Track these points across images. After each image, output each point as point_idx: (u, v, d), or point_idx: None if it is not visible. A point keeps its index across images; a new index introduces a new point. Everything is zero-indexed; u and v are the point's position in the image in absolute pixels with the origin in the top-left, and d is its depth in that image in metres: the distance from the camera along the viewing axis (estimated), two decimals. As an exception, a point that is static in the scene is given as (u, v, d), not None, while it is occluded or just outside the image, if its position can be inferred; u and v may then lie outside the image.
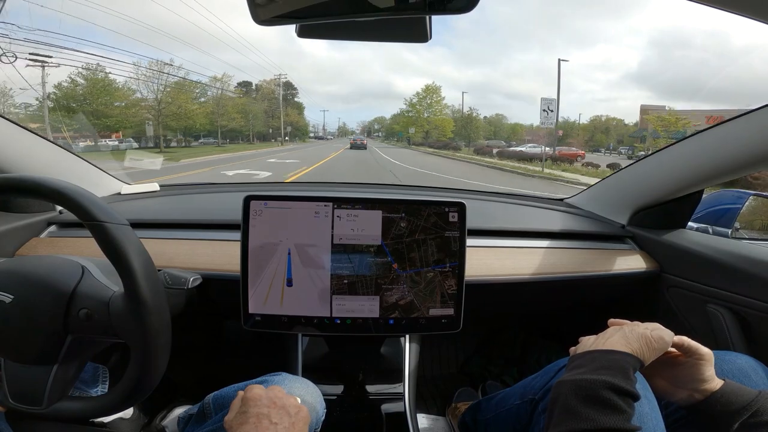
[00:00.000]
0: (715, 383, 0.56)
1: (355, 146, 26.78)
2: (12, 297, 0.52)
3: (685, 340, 0.58)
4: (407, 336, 0.87)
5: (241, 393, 0.56)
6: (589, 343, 0.58)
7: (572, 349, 0.61)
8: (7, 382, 0.55)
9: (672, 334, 0.58)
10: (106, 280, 0.59)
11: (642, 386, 0.54)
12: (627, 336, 0.56)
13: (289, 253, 0.76)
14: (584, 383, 0.49)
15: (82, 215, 0.52)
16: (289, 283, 0.76)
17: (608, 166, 14.81)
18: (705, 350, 0.57)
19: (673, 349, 0.58)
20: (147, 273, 0.53)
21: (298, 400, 0.56)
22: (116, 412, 0.57)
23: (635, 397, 0.49)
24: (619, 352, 0.53)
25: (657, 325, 0.58)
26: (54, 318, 0.53)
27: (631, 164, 1.10)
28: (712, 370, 0.57)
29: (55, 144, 0.99)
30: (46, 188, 0.53)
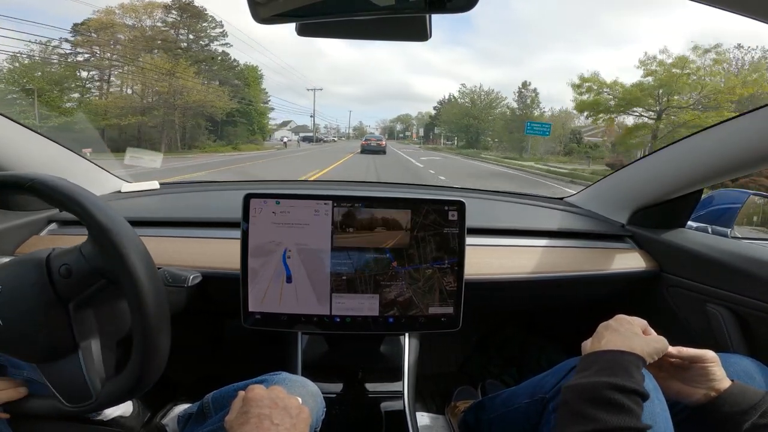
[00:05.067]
0: (726, 382, 0.58)
1: (369, 149, 19.05)
2: (1, 287, 0.52)
3: (681, 351, 0.59)
4: (407, 334, 0.87)
5: (241, 393, 0.56)
6: (587, 346, 0.59)
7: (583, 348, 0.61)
8: (55, 388, 0.55)
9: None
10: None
11: (652, 386, 0.55)
12: (621, 333, 0.57)
13: (288, 252, 0.76)
14: (588, 386, 0.50)
15: (17, 183, 0.52)
16: (289, 281, 0.76)
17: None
18: (708, 354, 0.58)
19: (673, 356, 0.59)
20: (98, 203, 0.52)
21: (299, 400, 0.56)
22: (147, 386, 0.56)
23: (642, 395, 0.49)
24: (616, 351, 0.54)
25: (641, 320, 0.60)
26: (42, 287, 0.53)
27: (631, 163, 1.10)
28: (722, 369, 0.58)
29: (55, 142, 0.99)
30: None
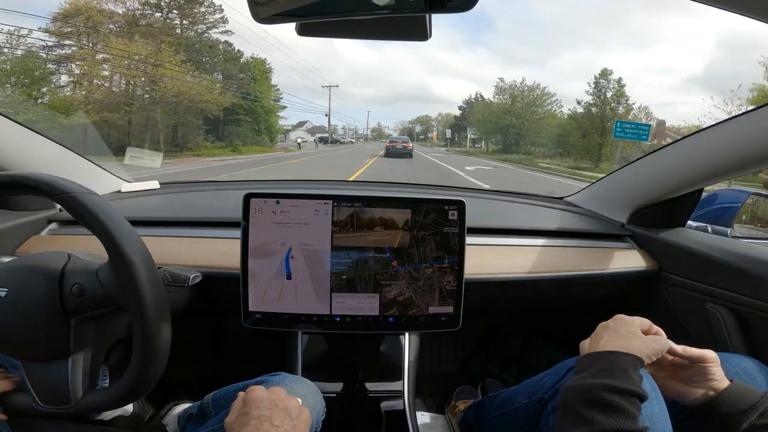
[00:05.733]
0: (725, 382, 0.58)
1: (394, 152, 16.61)
2: (6, 290, 0.53)
3: (686, 350, 0.58)
4: (407, 334, 0.87)
5: (241, 394, 0.56)
6: (585, 346, 0.59)
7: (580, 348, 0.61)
8: (33, 387, 0.55)
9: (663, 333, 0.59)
10: (92, 259, 0.59)
11: (651, 386, 0.55)
12: (619, 333, 0.57)
13: (289, 251, 0.76)
14: (586, 388, 0.50)
15: (52, 192, 0.52)
16: (289, 281, 0.76)
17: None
18: (708, 354, 0.58)
19: (679, 356, 0.59)
20: (125, 233, 0.53)
21: (300, 401, 0.56)
22: (138, 397, 0.57)
23: (640, 396, 0.49)
24: (615, 352, 0.54)
25: (643, 319, 0.60)
26: (50, 300, 0.53)
27: (631, 163, 1.10)
28: (721, 369, 0.58)
29: (54, 141, 0.99)
30: (16, 178, 0.53)
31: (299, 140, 29.74)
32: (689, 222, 1.07)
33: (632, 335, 0.56)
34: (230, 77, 20.15)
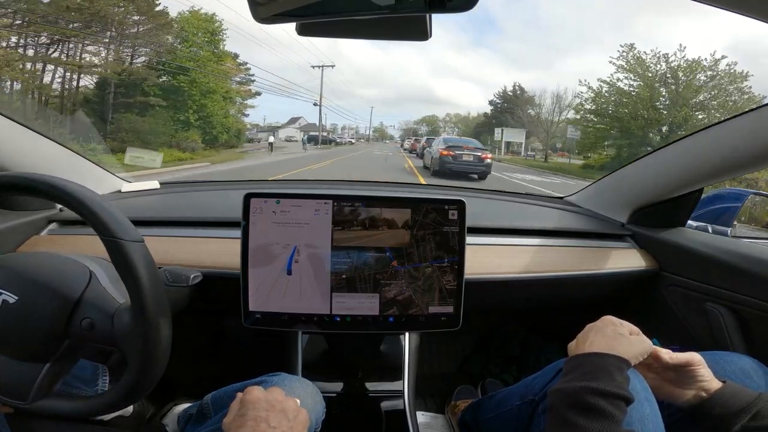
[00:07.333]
0: (716, 382, 0.57)
1: (458, 170, 9.70)
2: (17, 298, 0.52)
3: (672, 358, 0.58)
4: (407, 333, 0.87)
5: (239, 395, 0.56)
6: (572, 348, 0.59)
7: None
8: None
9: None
10: (113, 290, 0.59)
11: (642, 387, 0.55)
12: (605, 334, 0.56)
13: (290, 251, 0.76)
14: (570, 391, 0.50)
15: (100, 229, 0.52)
16: (290, 280, 0.76)
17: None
18: (694, 357, 0.58)
19: (666, 364, 0.59)
20: (156, 292, 0.53)
21: (298, 402, 0.56)
22: (104, 414, 0.57)
23: (625, 398, 0.49)
24: (599, 354, 0.54)
25: (630, 325, 0.60)
26: (56, 324, 0.53)
27: (631, 162, 1.10)
28: (709, 371, 0.58)
29: (55, 141, 0.99)
30: (65, 194, 0.53)
31: (271, 139, 21.49)
32: (689, 222, 1.07)
33: (618, 336, 0.56)
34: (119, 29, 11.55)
